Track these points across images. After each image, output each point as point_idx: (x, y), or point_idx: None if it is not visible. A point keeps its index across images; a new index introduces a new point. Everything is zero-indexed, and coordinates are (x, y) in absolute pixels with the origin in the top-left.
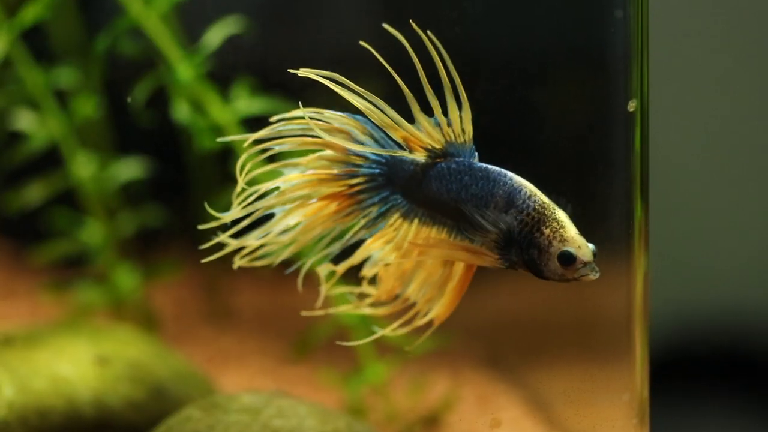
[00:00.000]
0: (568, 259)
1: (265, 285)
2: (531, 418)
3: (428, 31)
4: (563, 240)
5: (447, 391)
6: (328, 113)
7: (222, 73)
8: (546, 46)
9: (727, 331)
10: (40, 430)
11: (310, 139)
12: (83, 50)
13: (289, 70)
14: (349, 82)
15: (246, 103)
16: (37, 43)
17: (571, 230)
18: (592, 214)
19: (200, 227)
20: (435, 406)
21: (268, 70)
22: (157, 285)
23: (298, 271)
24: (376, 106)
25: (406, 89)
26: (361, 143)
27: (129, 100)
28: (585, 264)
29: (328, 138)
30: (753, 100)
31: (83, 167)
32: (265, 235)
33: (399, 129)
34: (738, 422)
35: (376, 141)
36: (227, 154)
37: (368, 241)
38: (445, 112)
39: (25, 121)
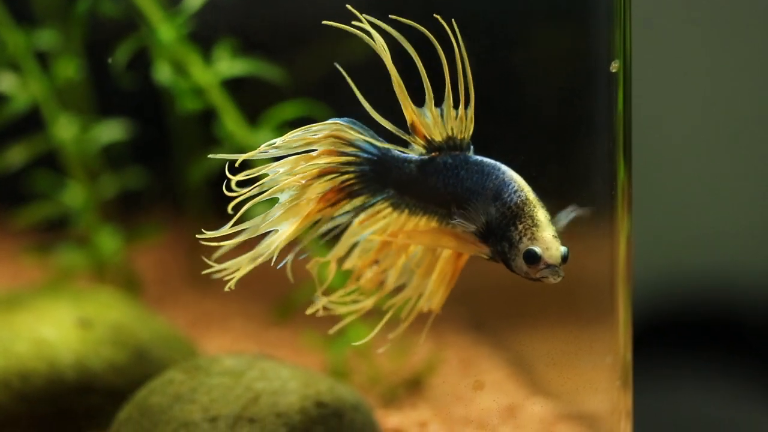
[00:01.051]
0: (532, 257)
1: (247, 248)
2: (514, 381)
3: (453, 23)
4: (533, 238)
5: (430, 354)
6: (316, 127)
7: (203, 35)
8: (527, 5)
9: (710, 294)
10: (21, 393)
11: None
12: (64, 12)
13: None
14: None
15: (228, 64)
16: (17, 4)
17: (544, 231)
18: (574, 176)
19: (198, 237)
20: (418, 369)
21: (250, 31)
22: (139, 248)
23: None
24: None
25: (425, 78)
26: (353, 145)
27: (110, 61)
28: (548, 266)
29: (320, 161)
30: (738, 61)
31: (65, 129)
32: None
33: (410, 109)
34: (721, 385)
35: (366, 141)
36: (209, 116)
37: (355, 223)
38: (456, 106)
39: (6, 83)
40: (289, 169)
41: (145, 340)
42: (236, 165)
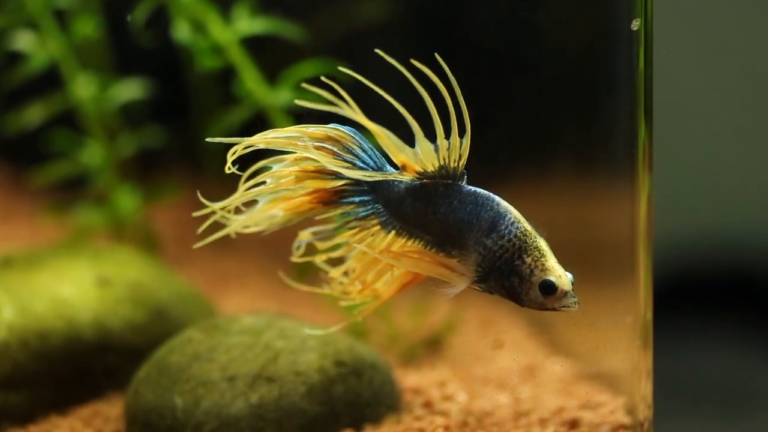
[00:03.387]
0: (549, 288)
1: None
2: (534, 341)
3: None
4: (544, 269)
5: (449, 314)
6: (313, 129)
7: None
8: None
9: (732, 254)
10: (40, 352)
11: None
12: None
13: (297, 102)
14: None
15: (247, 23)
16: None
17: (551, 259)
18: (595, 136)
19: (194, 215)
20: (437, 329)
21: None
22: (157, 206)
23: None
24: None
25: (408, 116)
26: (351, 152)
27: (129, 19)
28: (566, 293)
29: (314, 155)
30: (761, 17)
31: (83, 88)
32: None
33: (400, 154)
34: (742, 345)
35: (364, 151)
36: (228, 75)
37: (350, 233)
38: (447, 137)
39: (24, 41)
40: (287, 163)
41: (163, 299)
42: (234, 150)
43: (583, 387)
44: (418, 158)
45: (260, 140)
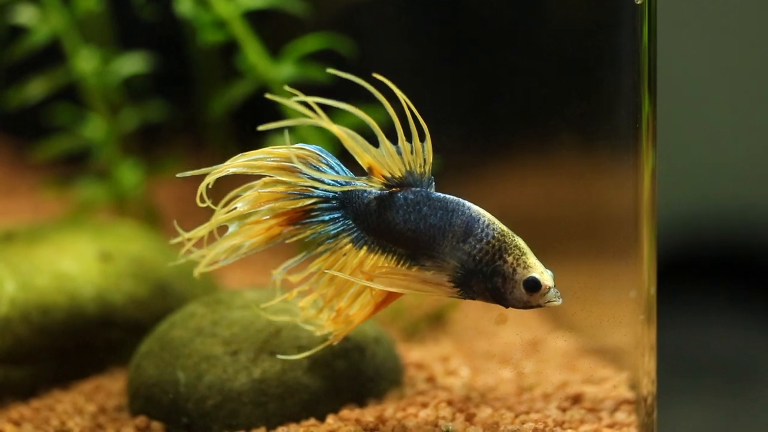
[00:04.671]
0: (534, 285)
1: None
2: (537, 315)
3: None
4: (527, 266)
5: None
6: (279, 149)
7: None
8: None
9: (736, 229)
10: (42, 327)
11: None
12: None
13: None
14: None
15: None
16: None
17: (531, 257)
18: (598, 109)
19: (172, 242)
20: (440, 304)
21: None
22: (159, 181)
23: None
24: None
25: (371, 120)
26: (318, 170)
27: None
28: (549, 289)
29: (282, 176)
30: None
31: (85, 62)
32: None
33: (366, 155)
34: (745, 320)
35: (332, 168)
36: (230, 49)
37: (318, 260)
38: (408, 140)
39: (26, 15)
40: (257, 188)
41: (166, 273)
42: (207, 182)
43: (587, 362)
44: (384, 160)
45: (230, 165)
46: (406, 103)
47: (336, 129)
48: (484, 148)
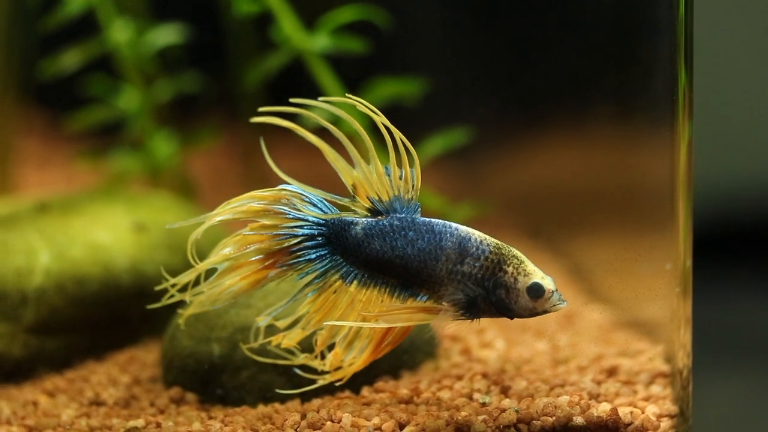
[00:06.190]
0: (538, 290)
1: (302, 154)
2: (572, 288)
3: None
4: (527, 274)
5: None
6: (263, 193)
7: None
8: None
9: None
10: (77, 298)
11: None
12: None
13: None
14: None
15: None
16: None
17: (530, 264)
18: (635, 81)
19: (156, 288)
20: None
21: None
22: (194, 152)
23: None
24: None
25: (366, 136)
26: (300, 209)
27: None
28: (553, 293)
29: (267, 219)
30: None
31: (120, 32)
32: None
33: (350, 172)
34: None
35: (314, 205)
36: (265, 20)
37: (307, 301)
38: (399, 165)
39: None
40: (239, 239)
41: (200, 244)
42: (196, 235)
43: (622, 334)
44: (372, 179)
45: (217, 214)
46: (391, 129)
47: (321, 145)
48: (520, 121)
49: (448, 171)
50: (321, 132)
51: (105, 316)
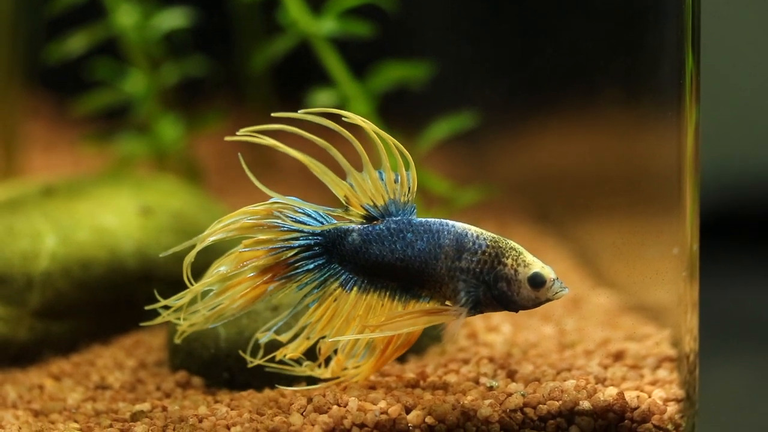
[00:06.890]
0: (539, 279)
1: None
2: (579, 272)
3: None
4: (527, 264)
5: None
6: (255, 207)
7: None
8: None
9: None
10: (82, 282)
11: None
12: None
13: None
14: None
15: None
16: None
17: (528, 254)
18: (642, 64)
19: (147, 308)
20: None
21: None
22: (200, 136)
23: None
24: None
25: (359, 145)
26: (297, 221)
27: None
28: (554, 281)
29: (262, 234)
30: None
31: (126, 16)
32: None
33: (340, 185)
34: None
35: (309, 215)
36: (272, 3)
37: (308, 313)
38: (394, 168)
39: None
40: (234, 257)
41: (206, 228)
42: (191, 257)
43: (629, 318)
44: (365, 186)
45: (210, 234)
46: (383, 135)
47: (308, 161)
48: (527, 105)
49: (455, 155)
50: (321, 132)
51: (111, 300)
